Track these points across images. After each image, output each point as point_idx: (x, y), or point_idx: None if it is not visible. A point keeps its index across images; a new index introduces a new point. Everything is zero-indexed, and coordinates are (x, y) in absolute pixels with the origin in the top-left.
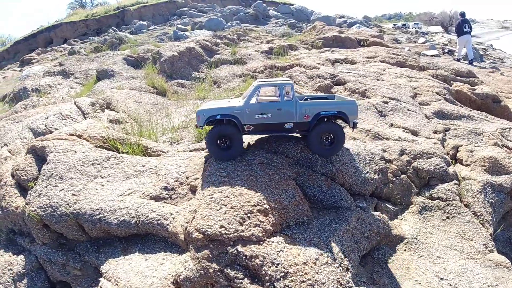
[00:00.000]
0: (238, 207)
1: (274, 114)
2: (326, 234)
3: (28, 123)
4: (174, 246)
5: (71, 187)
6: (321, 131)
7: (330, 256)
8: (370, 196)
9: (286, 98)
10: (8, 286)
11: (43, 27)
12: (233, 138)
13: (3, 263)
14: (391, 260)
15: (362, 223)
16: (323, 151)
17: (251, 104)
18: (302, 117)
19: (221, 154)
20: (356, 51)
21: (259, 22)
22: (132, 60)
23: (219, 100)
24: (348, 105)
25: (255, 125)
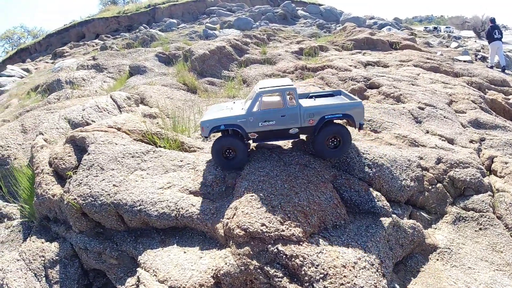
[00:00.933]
0: (278, 207)
1: (278, 120)
2: (363, 238)
3: (65, 113)
4: (213, 240)
5: (112, 178)
6: (327, 134)
7: (368, 260)
8: (405, 203)
9: (290, 104)
10: (38, 273)
11: (75, 22)
12: (238, 149)
13: (35, 249)
14: (423, 268)
15: (397, 230)
16: (329, 153)
17: (254, 112)
18: (307, 121)
19: (227, 164)
20: (388, 54)
21: (288, 22)
22: (164, 57)
23: (223, 104)
24: (354, 106)
25: (260, 132)
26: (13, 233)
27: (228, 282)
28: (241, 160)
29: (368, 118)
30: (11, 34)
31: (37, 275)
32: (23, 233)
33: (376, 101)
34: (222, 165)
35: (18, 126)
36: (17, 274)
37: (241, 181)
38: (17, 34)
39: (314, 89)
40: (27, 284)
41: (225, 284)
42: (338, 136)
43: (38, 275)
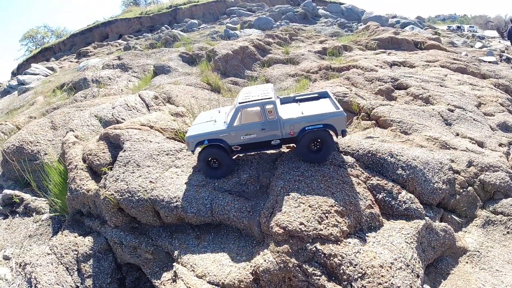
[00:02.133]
0: (316, 206)
1: (260, 133)
2: (398, 240)
3: (95, 111)
4: (249, 238)
5: (148, 174)
6: (309, 140)
7: (404, 261)
8: (437, 206)
9: (270, 117)
10: (70, 267)
11: (99, 22)
12: (222, 160)
13: (67, 243)
14: (453, 271)
15: (430, 232)
16: (313, 157)
17: (235, 127)
18: (288, 133)
19: (212, 173)
20: (414, 54)
21: (308, 22)
22: (187, 57)
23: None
24: (334, 116)
25: (242, 145)
26: (41, 227)
27: (267, 279)
28: (224, 170)
29: (398, 120)
30: (35, 34)
31: (69, 269)
32: (52, 227)
33: (404, 102)
34: (207, 173)
35: (48, 122)
36: (47, 268)
37: (276, 181)
38: (41, 34)
39: (341, 89)
40: (58, 278)
41: (264, 281)
42: (320, 140)
43: (70, 269)
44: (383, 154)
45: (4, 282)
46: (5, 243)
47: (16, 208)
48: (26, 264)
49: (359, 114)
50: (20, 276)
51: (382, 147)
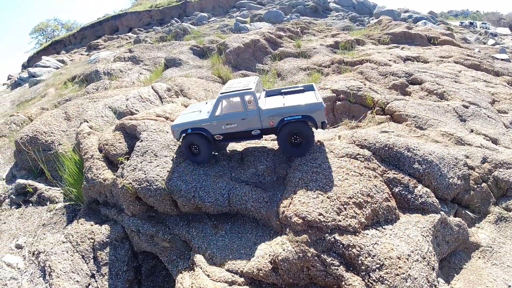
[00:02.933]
0: (334, 198)
1: (240, 123)
2: (414, 233)
3: (108, 102)
4: (266, 227)
5: (165, 164)
6: (288, 133)
7: (420, 254)
8: (451, 201)
9: (250, 107)
10: (86, 255)
11: (109, 16)
12: (201, 147)
13: (83, 231)
14: (466, 266)
15: (445, 227)
16: (293, 151)
17: (216, 117)
18: (268, 124)
19: (193, 158)
20: (427, 49)
21: (319, 15)
22: (198, 50)
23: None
24: (313, 108)
25: (224, 134)
26: (55, 216)
27: (286, 268)
28: (203, 156)
29: (414, 115)
30: (45, 27)
31: (85, 257)
32: (67, 216)
33: (419, 97)
34: (189, 158)
35: (62, 113)
36: (62, 256)
37: (293, 172)
38: (51, 27)
39: (355, 83)
40: (74, 266)
41: (283, 270)
42: (300, 134)
43: (86, 257)
44: (400, 148)
45: (16, 270)
46: (18, 232)
47: (29, 198)
48: (39, 252)
49: (373, 108)
50: (33, 265)
51: (398, 141)
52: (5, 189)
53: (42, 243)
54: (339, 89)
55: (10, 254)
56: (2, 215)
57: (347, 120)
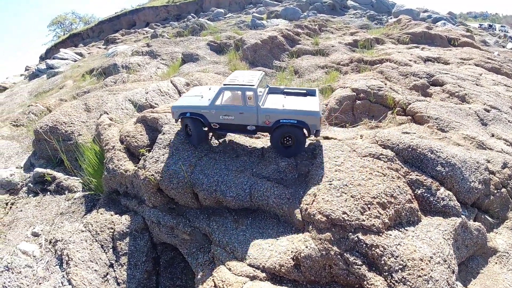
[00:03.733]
0: (358, 197)
1: (237, 116)
2: (436, 235)
3: (128, 95)
4: (287, 224)
5: (187, 157)
6: (281, 134)
7: (441, 256)
8: (471, 205)
9: (249, 103)
10: (106, 244)
11: (126, 10)
12: (193, 130)
13: (103, 221)
14: (483, 271)
15: (464, 231)
16: (284, 152)
17: (216, 106)
18: (263, 122)
19: (188, 138)
20: (448, 51)
21: (336, 13)
22: (215, 46)
23: (199, 89)
24: (310, 115)
25: (220, 124)
26: (74, 205)
27: (308, 265)
28: (194, 138)
29: (436, 117)
30: (63, 20)
31: (104, 247)
32: (85, 205)
33: (440, 99)
34: (186, 137)
35: (82, 104)
36: (81, 245)
37: (316, 170)
38: (69, 20)
39: (375, 82)
40: (92, 255)
41: (305, 267)
42: (292, 136)
43: (105, 247)
44: (423, 149)
45: (32, 258)
46: (35, 220)
47: (47, 186)
48: (57, 241)
49: (394, 108)
50: (50, 253)
51: (422, 143)
52: (23, 177)
53: (59, 232)
54: (359, 88)
55: (26, 242)
56: (19, 203)
57: (366, 119)
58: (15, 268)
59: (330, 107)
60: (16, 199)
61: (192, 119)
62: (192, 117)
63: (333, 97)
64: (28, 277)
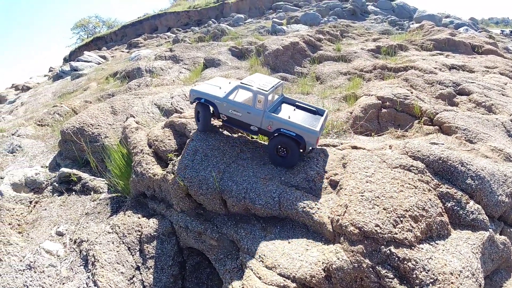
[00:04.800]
0: (390, 210)
1: (244, 115)
2: (465, 249)
3: (154, 99)
4: (317, 234)
5: (216, 164)
6: (277, 143)
7: (470, 270)
8: (498, 219)
9: (257, 106)
10: (133, 247)
11: (149, 15)
12: (202, 116)
13: (130, 223)
14: (506, 284)
15: (491, 244)
16: (278, 161)
17: (229, 100)
18: (266, 126)
19: (197, 122)
20: (472, 58)
21: (357, 18)
22: (237, 51)
23: (221, 80)
24: (308, 132)
25: (228, 117)
26: (99, 205)
27: (340, 277)
28: (201, 124)
29: (464, 127)
30: (86, 23)
31: (131, 249)
32: (111, 206)
33: (467, 109)
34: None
35: (108, 107)
36: (107, 246)
37: (347, 180)
38: (92, 24)
39: (401, 91)
40: (119, 257)
41: (336, 279)
42: (288, 148)
43: (132, 249)
44: (453, 162)
45: (56, 258)
46: (59, 219)
47: (72, 186)
48: (82, 241)
49: (421, 118)
50: (74, 253)
51: (452, 155)
52: (48, 176)
53: (85, 232)
54: (385, 96)
55: (50, 241)
56: (43, 202)
57: (392, 128)
58: (38, 267)
59: (355, 115)
60: (41, 198)
61: (204, 108)
62: (203, 105)
63: (357, 105)
64: (51, 276)
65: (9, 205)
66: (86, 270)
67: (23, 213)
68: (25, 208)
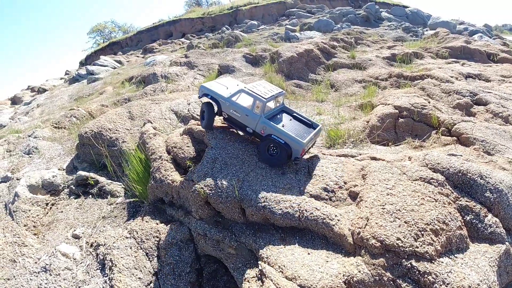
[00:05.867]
0: (412, 223)
1: (242, 116)
2: (482, 263)
3: (171, 106)
4: (336, 246)
5: (235, 172)
6: (269, 143)
7: (487, 284)
8: None
9: (255, 111)
10: (150, 253)
11: (164, 21)
12: (206, 113)
13: (148, 229)
14: None
15: (507, 257)
16: (267, 159)
17: (232, 101)
18: (259, 130)
19: (201, 122)
20: (488, 67)
21: (370, 25)
22: (251, 58)
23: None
24: (295, 142)
25: (228, 116)
26: (116, 209)
27: None
28: (205, 122)
29: (482, 139)
30: (102, 28)
31: (149, 255)
32: (127, 211)
33: (484, 119)
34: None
35: (126, 112)
36: (125, 251)
37: (367, 192)
38: (108, 29)
39: (419, 100)
40: (137, 262)
41: None
42: (276, 147)
43: (149, 255)
44: (473, 174)
45: (72, 261)
46: (76, 222)
47: (89, 189)
48: (99, 245)
49: (439, 128)
50: (91, 256)
51: (472, 167)
52: (65, 179)
53: (102, 236)
54: (402, 106)
55: (66, 244)
56: (59, 204)
57: (410, 139)
58: (54, 270)
59: (371, 124)
60: (57, 200)
61: (208, 107)
62: (208, 105)
63: (374, 114)
64: (67, 279)
65: (25, 207)
66: (103, 274)
67: (39, 215)
68: (41, 210)
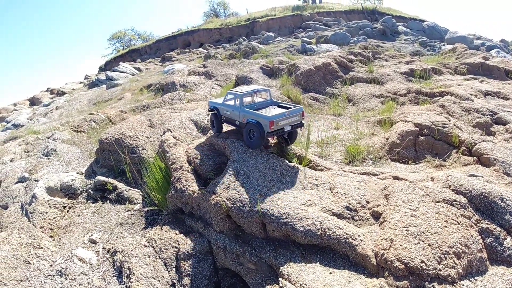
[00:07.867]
0: (435, 246)
1: (231, 113)
2: (500, 285)
3: (191, 115)
4: (358, 266)
5: (257, 187)
6: (248, 128)
7: None
8: None
9: (237, 104)
10: (169, 263)
11: (182, 31)
12: (215, 121)
13: (167, 239)
14: None
15: None
16: (248, 142)
17: (224, 103)
18: (242, 119)
19: (212, 129)
20: (506, 84)
21: (387, 38)
22: (268, 69)
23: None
24: (263, 118)
25: (225, 117)
26: (134, 216)
27: None
28: (215, 129)
29: (502, 160)
30: (122, 35)
31: (167, 265)
32: (145, 218)
33: (504, 139)
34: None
35: (146, 120)
36: (143, 260)
37: (391, 213)
38: (128, 36)
39: (439, 118)
40: (155, 272)
41: None
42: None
43: (168, 265)
44: (494, 197)
45: (88, 266)
46: (93, 227)
47: (107, 195)
48: (116, 251)
49: (459, 147)
50: (107, 262)
51: (493, 190)
52: (83, 183)
53: (119, 242)
54: (422, 123)
55: (83, 248)
56: (77, 208)
57: (430, 157)
58: (69, 274)
59: (391, 141)
60: (74, 204)
61: (215, 116)
62: (215, 114)
63: (394, 131)
64: (82, 285)
65: (43, 209)
66: (119, 282)
67: (56, 217)
68: (58, 213)
